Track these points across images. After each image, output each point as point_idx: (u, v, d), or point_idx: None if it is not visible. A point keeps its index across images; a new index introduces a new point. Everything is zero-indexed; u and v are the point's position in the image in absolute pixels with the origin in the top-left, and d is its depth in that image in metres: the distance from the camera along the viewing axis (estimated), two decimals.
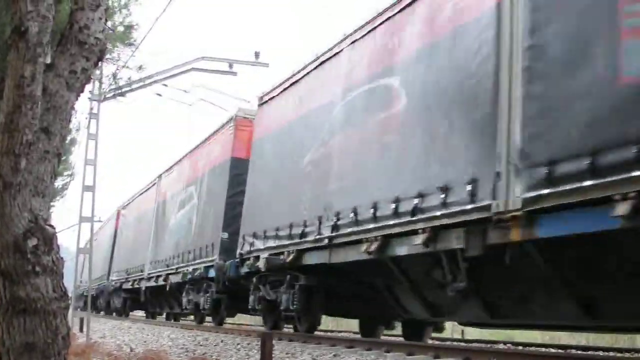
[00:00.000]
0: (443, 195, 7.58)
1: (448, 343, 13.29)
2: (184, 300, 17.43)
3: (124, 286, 25.54)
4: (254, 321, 23.40)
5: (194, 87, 21.54)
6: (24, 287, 4.52)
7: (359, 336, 13.10)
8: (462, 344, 13.50)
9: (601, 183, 5.68)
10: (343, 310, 12.65)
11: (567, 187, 5.97)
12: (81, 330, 14.21)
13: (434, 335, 12.69)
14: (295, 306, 11.30)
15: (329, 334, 15.43)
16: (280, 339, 11.18)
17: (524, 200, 6.45)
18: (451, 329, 17.04)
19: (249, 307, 13.07)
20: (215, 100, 31.79)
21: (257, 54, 19.28)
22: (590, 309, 7.03)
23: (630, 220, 5.46)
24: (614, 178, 5.57)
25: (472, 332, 17.69)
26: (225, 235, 14.80)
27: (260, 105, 14.22)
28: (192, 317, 20.22)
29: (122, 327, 17.33)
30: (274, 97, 13.58)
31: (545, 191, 6.21)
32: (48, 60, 4.98)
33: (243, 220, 13.71)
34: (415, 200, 8.04)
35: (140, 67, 17.20)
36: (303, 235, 10.84)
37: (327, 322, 19.72)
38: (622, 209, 5.48)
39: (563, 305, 7.32)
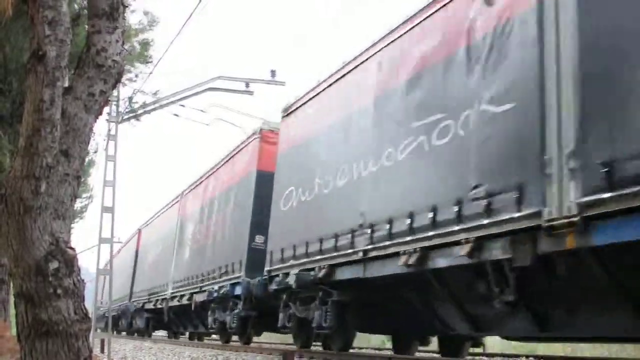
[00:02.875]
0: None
1: (478, 358, 13.05)
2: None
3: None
4: (280, 339, 23.24)
5: (211, 107, 21.59)
6: (45, 310, 4.53)
7: (393, 353, 12.71)
8: (485, 358, 13.34)
9: None
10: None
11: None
12: (102, 351, 14.22)
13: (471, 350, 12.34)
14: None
15: (363, 350, 15.13)
16: (312, 357, 10.91)
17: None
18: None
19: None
20: (232, 120, 31.94)
21: (273, 73, 19.34)
22: None
23: None
24: None
25: (494, 346, 17.49)
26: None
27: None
28: (215, 336, 19.87)
29: (142, 348, 17.31)
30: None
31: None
32: (66, 84, 5.03)
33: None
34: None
35: (155, 93, 17.40)
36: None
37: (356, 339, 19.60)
38: None
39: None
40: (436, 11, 8.99)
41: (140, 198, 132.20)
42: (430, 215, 8.11)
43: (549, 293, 7.48)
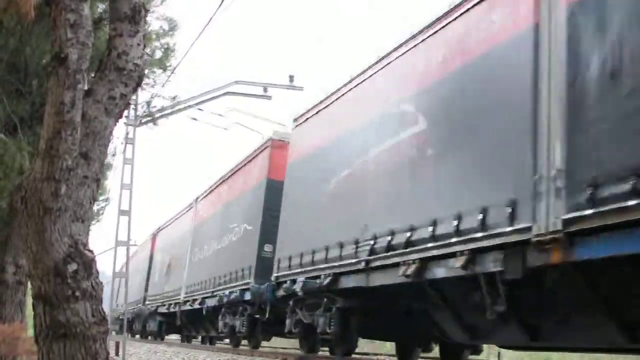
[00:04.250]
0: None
1: None
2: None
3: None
4: (289, 344, 23.26)
5: (229, 111, 21.63)
6: (64, 312, 4.56)
7: (390, 357, 12.85)
8: None
9: None
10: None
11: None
12: (117, 354, 14.26)
13: (471, 357, 12.52)
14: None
15: (364, 357, 15.28)
16: None
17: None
18: (487, 351, 16.81)
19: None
20: (250, 124, 31.99)
21: (291, 78, 19.38)
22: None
23: None
24: None
25: (511, 354, 17.42)
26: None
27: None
28: (227, 340, 20.21)
29: (157, 351, 17.36)
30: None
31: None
32: (87, 87, 5.05)
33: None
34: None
35: (174, 98, 17.46)
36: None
37: (362, 345, 19.58)
38: None
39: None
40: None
41: (157, 202, 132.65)
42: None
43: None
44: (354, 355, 12.09)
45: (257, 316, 14.94)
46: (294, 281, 12.19)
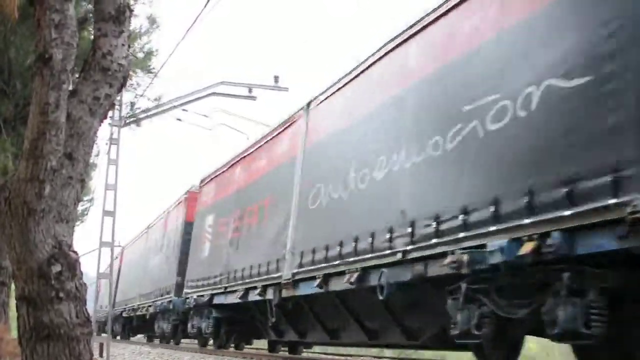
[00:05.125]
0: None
1: None
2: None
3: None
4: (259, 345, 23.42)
5: (214, 112, 21.63)
6: (47, 313, 4.54)
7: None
8: None
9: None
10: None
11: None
12: (101, 355, 14.20)
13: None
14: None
15: (342, 357, 18.63)
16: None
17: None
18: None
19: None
20: (235, 125, 31.88)
21: (276, 78, 19.42)
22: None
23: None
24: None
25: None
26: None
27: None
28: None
29: (142, 352, 17.32)
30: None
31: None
32: (71, 87, 5.03)
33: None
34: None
35: (157, 98, 17.43)
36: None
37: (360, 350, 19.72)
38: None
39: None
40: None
41: (143, 202, 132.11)
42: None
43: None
44: (334, 356, 15.74)
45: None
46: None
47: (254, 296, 13.20)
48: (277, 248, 12.25)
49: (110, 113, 13.52)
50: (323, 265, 10.31)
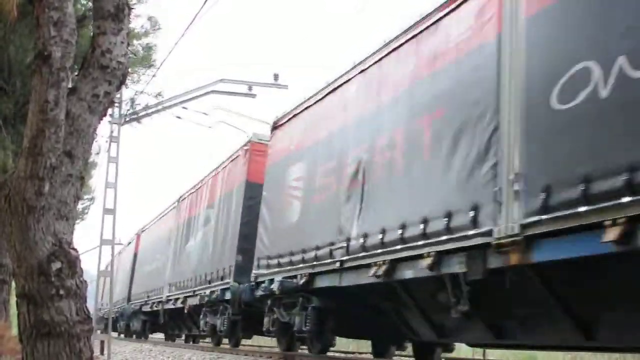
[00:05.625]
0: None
1: None
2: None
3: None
4: (271, 343, 23.27)
5: (214, 110, 21.60)
6: (48, 311, 4.54)
7: (371, 356, 13.36)
8: None
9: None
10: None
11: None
12: (102, 352, 14.22)
13: (453, 355, 12.67)
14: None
15: (342, 354, 15.66)
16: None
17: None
18: (473, 350, 16.88)
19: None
20: (235, 122, 31.84)
21: (276, 76, 19.37)
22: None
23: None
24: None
25: (495, 352, 17.50)
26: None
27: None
28: (209, 338, 20.34)
29: (142, 350, 17.34)
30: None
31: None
32: (70, 85, 5.03)
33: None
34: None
35: (158, 94, 17.45)
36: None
37: (346, 344, 19.65)
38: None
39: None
40: None
41: (143, 200, 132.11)
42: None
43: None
44: (334, 354, 12.48)
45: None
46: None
47: (421, 271, 8.11)
48: (473, 184, 7.40)
49: (110, 111, 13.54)
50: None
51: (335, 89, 11.42)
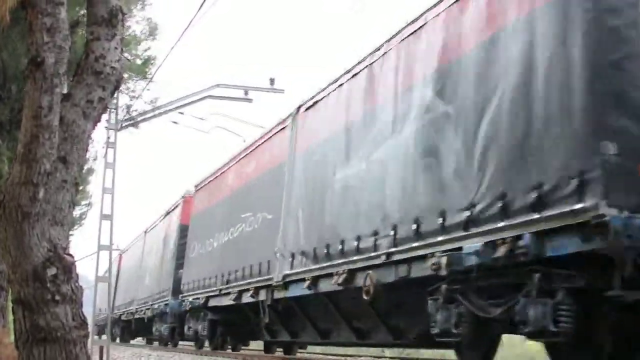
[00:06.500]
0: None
1: None
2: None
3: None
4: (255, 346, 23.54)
5: (210, 115, 21.57)
6: (43, 316, 4.54)
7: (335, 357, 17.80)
8: None
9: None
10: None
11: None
12: (100, 358, 14.17)
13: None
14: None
15: (330, 357, 18.66)
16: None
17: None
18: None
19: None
20: (231, 127, 31.77)
21: (272, 81, 19.36)
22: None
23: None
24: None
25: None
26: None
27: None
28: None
29: (141, 355, 17.30)
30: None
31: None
32: (65, 90, 5.03)
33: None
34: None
35: (153, 101, 17.44)
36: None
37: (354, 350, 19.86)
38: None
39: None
40: None
41: (140, 206, 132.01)
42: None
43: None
44: (321, 355, 16.71)
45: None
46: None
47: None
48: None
49: (106, 116, 13.53)
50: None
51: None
